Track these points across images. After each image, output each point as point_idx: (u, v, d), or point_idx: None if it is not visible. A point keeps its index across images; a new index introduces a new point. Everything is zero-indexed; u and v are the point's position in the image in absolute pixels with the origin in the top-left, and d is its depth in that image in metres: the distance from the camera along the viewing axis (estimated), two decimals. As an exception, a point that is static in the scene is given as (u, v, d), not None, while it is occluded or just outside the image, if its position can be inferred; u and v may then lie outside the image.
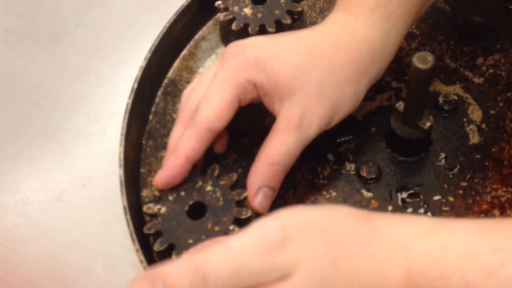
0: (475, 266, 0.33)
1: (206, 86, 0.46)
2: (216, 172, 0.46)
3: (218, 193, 0.45)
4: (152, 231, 0.43)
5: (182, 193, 0.45)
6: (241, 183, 0.45)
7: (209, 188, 0.45)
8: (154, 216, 0.44)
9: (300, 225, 0.35)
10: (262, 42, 0.46)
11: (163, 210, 0.44)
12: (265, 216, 0.36)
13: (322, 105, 0.45)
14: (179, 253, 0.42)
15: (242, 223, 0.43)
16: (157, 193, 0.45)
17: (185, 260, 0.33)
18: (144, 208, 0.44)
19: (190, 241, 0.43)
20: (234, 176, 0.45)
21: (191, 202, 0.44)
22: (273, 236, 0.34)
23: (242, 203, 0.44)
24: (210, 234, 0.43)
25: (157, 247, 0.42)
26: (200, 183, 0.45)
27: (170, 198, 0.45)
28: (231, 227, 0.43)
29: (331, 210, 0.37)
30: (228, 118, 0.45)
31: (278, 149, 0.44)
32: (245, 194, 0.44)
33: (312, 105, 0.45)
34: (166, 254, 0.43)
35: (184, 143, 0.45)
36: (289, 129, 0.44)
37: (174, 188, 0.45)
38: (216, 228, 0.43)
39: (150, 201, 0.46)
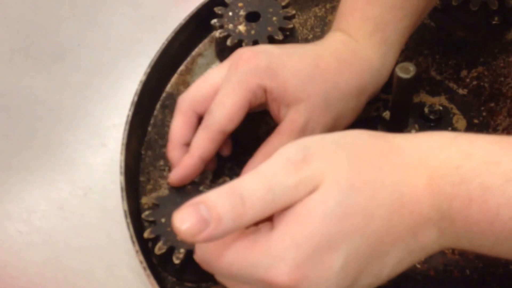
0: (494, 172, 0.34)
1: (212, 84, 0.48)
2: None
3: None
4: (153, 202, 0.46)
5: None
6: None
7: None
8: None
9: (319, 143, 0.37)
10: (273, 50, 0.49)
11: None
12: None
13: (326, 115, 0.47)
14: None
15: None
16: (155, 201, 0.47)
17: (221, 187, 0.35)
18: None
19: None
20: None
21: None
22: (297, 155, 0.36)
23: None
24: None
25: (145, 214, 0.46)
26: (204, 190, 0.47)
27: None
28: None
29: (346, 131, 0.39)
30: (239, 121, 0.47)
31: (278, 148, 0.46)
32: None
33: (316, 113, 0.47)
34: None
35: (197, 144, 0.47)
36: (292, 132, 0.46)
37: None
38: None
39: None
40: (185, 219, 0.34)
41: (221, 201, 0.34)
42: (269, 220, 0.36)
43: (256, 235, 0.35)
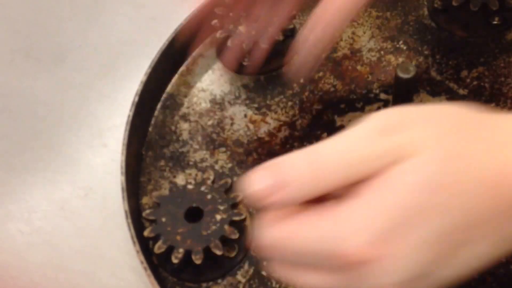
0: None
1: None
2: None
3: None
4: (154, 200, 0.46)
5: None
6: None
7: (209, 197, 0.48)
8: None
9: (415, 111, 0.33)
10: None
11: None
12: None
13: None
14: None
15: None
16: (156, 200, 0.48)
17: (298, 151, 0.32)
18: None
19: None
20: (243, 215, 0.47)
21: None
22: (389, 120, 0.32)
23: None
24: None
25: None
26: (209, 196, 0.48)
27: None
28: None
29: (443, 103, 0.36)
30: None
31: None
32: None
33: None
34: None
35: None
36: None
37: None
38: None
39: None
40: (256, 181, 0.31)
41: (297, 166, 0.31)
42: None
43: (332, 206, 0.31)
